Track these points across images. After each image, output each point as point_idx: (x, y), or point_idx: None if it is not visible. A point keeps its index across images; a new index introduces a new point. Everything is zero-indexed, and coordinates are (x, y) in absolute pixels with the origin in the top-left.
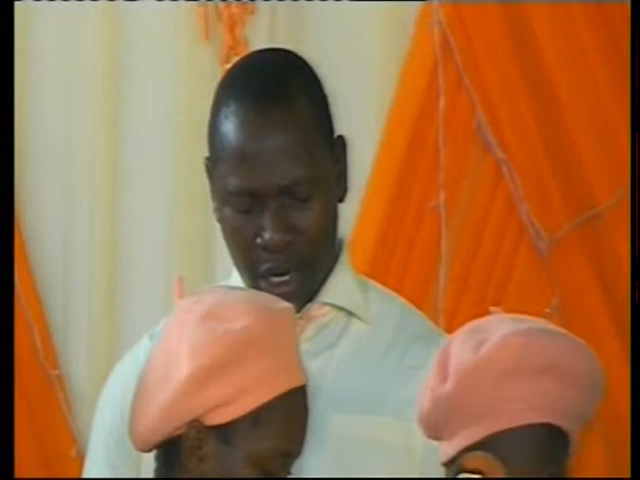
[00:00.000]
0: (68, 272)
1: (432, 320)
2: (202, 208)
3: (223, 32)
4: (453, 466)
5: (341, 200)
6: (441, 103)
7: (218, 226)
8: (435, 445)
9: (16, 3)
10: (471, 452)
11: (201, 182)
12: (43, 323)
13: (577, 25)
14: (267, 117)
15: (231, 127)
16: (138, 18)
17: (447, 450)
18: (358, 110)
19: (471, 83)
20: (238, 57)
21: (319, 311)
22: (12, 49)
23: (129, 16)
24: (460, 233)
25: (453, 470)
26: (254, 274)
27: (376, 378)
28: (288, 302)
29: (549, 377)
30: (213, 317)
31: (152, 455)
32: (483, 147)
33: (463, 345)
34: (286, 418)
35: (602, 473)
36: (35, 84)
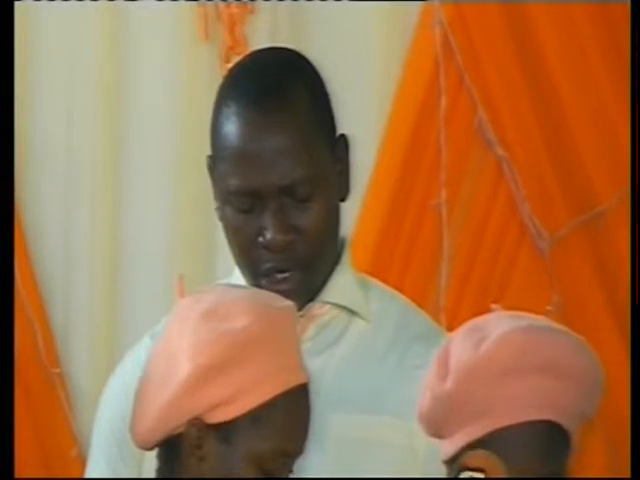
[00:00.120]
0: (69, 271)
1: (433, 318)
2: (203, 206)
3: (223, 32)
4: (454, 464)
5: (343, 199)
6: (442, 102)
7: (219, 224)
8: (437, 446)
9: (16, 3)
10: (472, 450)
11: (202, 181)
12: (44, 321)
13: (578, 24)
14: (268, 117)
15: (232, 127)
16: (138, 18)
17: (447, 448)
18: (359, 109)
19: (472, 82)
20: (238, 57)
21: (320, 310)
22: (12, 49)
23: (129, 16)
24: (461, 232)
25: (455, 469)
26: (255, 273)
27: (377, 378)
28: (289, 300)
29: (549, 375)
30: (214, 316)
31: (154, 455)
32: (484, 146)
33: (463, 343)
34: (287, 417)
35: (602, 472)
36: (36, 83)
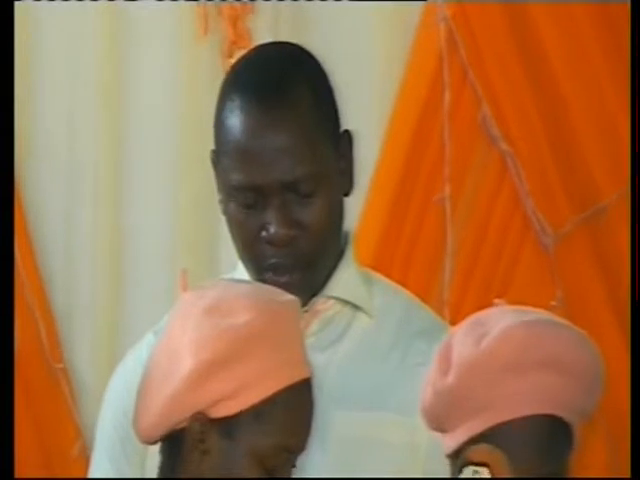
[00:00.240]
0: (72, 267)
1: (437, 313)
2: (205, 202)
3: (225, 26)
4: (458, 459)
5: (347, 194)
6: (446, 97)
7: (222, 220)
8: (439, 442)
9: (16, 3)
10: (475, 445)
11: (203, 177)
12: (47, 317)
13: (579, 21)
14: (270, 114)
15: (235, 122)
16: (138, 18)
17: (450, 442)
18: (362, 105)
19: (476, 78)
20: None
21: (324, 305)
22: (12, 49)
23: (129, 16)
24: (465, 227)
25: (458, 463)
26: (259, 268)
27: (380, 375)
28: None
29: (551, 369)
30: (216, 311)
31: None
32: (488, 141)
33: (465, 338)
34: (290, 412)
35: (604, 469)
36: (37, 83)
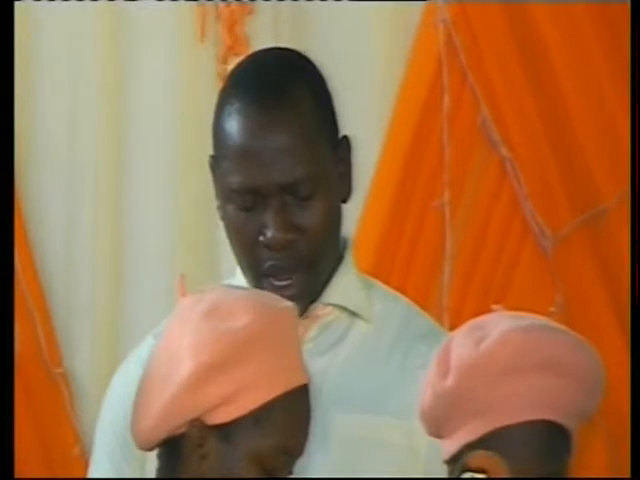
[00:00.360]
0: (72, 271)
1: (436, 318)
2: (205, 205)
3: (222, 32)
4: (456, 464)
5: (345, 200)
6: (445, 101)
7: (222, 225)
8: (438, 445)
9: (16, 3)
10: (474, 450)
11: (203, 180)
12: (46, 321)
13: (580, 23)
14: (270, 115)
15: (234, 125)
16: (138, 18)
17: (448, 447)
18: (362, 108)
19: (475, 81)
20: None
21: (323, 311)
22: (12, 49)
23: (129, 16)
24: (464, 231)
25: (457, 468)
26: (257, 272)
27: (379, 378)
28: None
29: (550, 373)
30: (215, 315)
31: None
32: (487, 145)
33: (464, 341)
34: (287, 417)
35: (604, 470)
36: (37, 83)
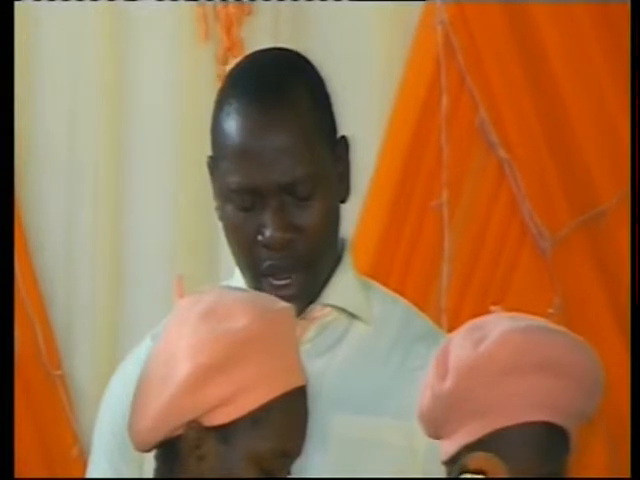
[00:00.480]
0: (71, 272)
1: (435, 319)
2: (205, 205)
3: (220, 33)
4: (455, 465)
5: (343, 201)
6: (444, 102)
7: (221, 225)
8: (437, 446)
9: (16, 3)
10: (473, 452)
11: (203, 180)
12: (46, 323)
13: (579, 24)
14: (269, 115)
15: (233, 125)
16: (138, 18)
17: (447, 448)
18: (360, 109)
19: (474, 82)
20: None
21: (321, 312)
22: (12, 49)
23: (129, 16)
24: (463, 232)
25: (455, 470)
26: (256, 272)
27: (378, 379)
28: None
29: (548, 374)
30: (213, 316)
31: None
32: (486, 146)
33: (462, 342)
34: (285, 418)
35: (604, 470)
36: (37, 83)
